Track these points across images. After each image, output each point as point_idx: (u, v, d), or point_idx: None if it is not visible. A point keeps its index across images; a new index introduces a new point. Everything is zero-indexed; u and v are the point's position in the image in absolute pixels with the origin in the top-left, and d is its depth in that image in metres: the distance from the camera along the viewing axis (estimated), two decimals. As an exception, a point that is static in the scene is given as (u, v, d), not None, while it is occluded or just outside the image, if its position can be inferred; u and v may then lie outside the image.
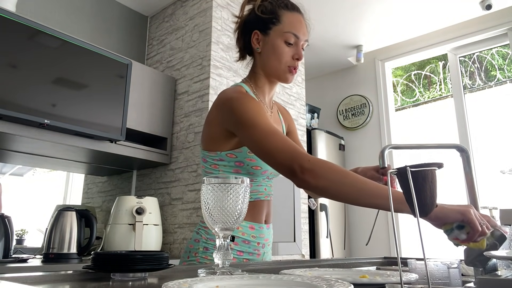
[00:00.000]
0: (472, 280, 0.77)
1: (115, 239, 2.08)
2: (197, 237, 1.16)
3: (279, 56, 1.13)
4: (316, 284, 0.52)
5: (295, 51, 1.14)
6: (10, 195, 2.29)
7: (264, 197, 1.17)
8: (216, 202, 0.68)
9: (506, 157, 3.00)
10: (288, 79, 1.16)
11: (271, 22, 1.14)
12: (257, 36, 1.16)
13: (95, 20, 2.74)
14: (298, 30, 1.13)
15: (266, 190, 1.18)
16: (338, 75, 4.08)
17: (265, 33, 1.15)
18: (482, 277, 0.51)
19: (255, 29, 1.16)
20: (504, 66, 3.25)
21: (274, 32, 1.13)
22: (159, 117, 2.49)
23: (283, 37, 1.12)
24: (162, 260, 0.71)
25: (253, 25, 1.17)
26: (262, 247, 1.18)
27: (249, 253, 1.14)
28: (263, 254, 1.19)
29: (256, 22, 1.16)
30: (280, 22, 1.13)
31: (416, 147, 0.75)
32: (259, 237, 1.15)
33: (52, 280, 0.66)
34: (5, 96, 1.73)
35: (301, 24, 1.15)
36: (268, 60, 1.15)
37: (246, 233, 1.13)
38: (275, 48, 1.13)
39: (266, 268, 0.94)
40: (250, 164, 1.09)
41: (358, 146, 3.80)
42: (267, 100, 1.22)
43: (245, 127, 0.99)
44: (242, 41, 1.21)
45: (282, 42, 1.12)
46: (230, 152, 1.09)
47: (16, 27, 1.80)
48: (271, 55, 1.14)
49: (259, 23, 1.15)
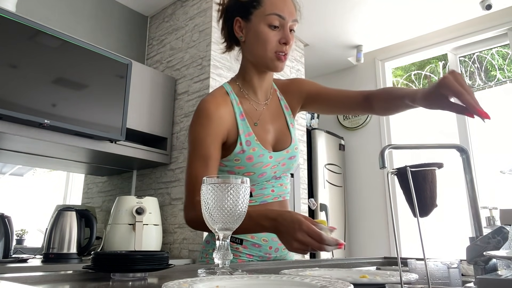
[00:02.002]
0: (472, 280, 0.77)
1: (115, 239, 2.08)
2: (208, 239, 1.15)
3: (264, 43, 1.02)
4: (316, 284, 0.52)
5: (282, 34, 1.02)
6: (10, 195, 2.29)
7: (273, 198, 1.11)
8: (216, 202, 0.68)
9: (506, 157, 3.00)
10: (277, 67, 1.05)
11: (252, 6, 1.03)
12: (239, 23, 1.06)
13: (95, 20, 2.74)
14: (282, 10, 1.01)
15: (274, 192, 1.11)
16: (338, 75, 4.08)
17: (246, 19, 1.05)
18: (482, 277, 0.51)
19: (236, 16, 1.06)
20: (504, 66, 3.25)
21: (255, 17, 1.03)
22: (159, 117, 2.49)
23: (266, 21, 1.01)
24: (162, 260, 0.71)
25: (234, 12, 1.07)
26: (275, 251, 1.11)
27: (259, 257, 1.10)
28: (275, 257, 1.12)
29: (236, 8, 1.06)
30: (261, 5, 1.02)
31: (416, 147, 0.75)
32: (271, 240, 1.09)
33: (52, 280, 0.66)
34: (5, 96, 1.73)
35: (285, 2, 1.03)
36: (253, 48, 1.05)
37: (256, 237, 1.08)
38: (259, 34, 1.02)
39: (266, 268, 0.94)
40: (240, 171, 1.05)
41: (358, 146, 3.80)
42: (259, 94, 1.13)
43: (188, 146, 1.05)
44: (226, 30, 1.12)
45: (266, 26, 1.01)
46: (221, 161, 1.06)
47: (16, 27, 1.80)
48: (255, 42, 1.04)
49: (240, 9, 1.05)
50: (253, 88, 1.13)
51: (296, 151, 1.14)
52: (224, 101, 1.07)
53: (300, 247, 0.81)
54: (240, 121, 1.07)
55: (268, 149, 1.09)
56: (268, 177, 1.09)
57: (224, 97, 1.09)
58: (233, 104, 1.08)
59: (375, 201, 3.58)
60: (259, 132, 1.08)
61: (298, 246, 0.81)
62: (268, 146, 1.10)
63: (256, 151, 1.05)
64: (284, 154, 1.11)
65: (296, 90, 1.20)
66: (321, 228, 0.80)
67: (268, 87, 1.15)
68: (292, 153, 1.13)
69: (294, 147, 1.14)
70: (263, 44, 1.02)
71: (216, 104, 1.05)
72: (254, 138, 1.06)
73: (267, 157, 1.07)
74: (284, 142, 1.13)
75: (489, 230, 0.73)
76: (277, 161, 1.09)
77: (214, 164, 1.02)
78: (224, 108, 1.06)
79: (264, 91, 1.14)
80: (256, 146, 1.05)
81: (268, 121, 1.13)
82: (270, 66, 1.06)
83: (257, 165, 1.05)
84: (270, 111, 1.15)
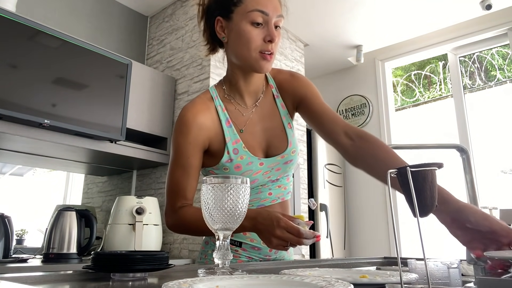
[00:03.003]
0: (472, 280, 0.77)
1: (115, 239, 2.08)
2: (207, 239, 1.14)
3: (247, 42, 0.95)
4: (316, 284, 0.52)
5: (266, 31, 0.95)
6: (10, 195, 2.29)
7: (271, 201, 1.08)
8: (216, 202, 0.68)
9: (506, 157, 3.00)
10: (262, 67, 0.97)
11: (232, 3, 0.96)
12: (220, 23, 1.00)
13: (95, 20, 2.74)
14: (265, 5, 0.94)
15: (271, 195, 1.08)
16: (338, 75, 4.08)
17: (227, 18, 0.98)
18: (482, 277, 0.51)
19: (217, 15, 1.00)
20: (504, 66, 3.25)
21: (237, 15, 0.96)
22: (159, 117, 2.49)
23: (248, 18, 0.94)
24: (162, 260, 0.71)
25: (215, 11, 1.01)
26: (275, 253, 1.11)
27: (259, 259, 1.09)
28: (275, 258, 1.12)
29: (216, 8, 1.00)
30: (241, 1, 0.95)
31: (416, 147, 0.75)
32: None
33: (52, 280, 0.66)
34: (5, 96, 1.73)
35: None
36: (236, 49, 0.98)
37: (256, 240, 1.06)
38: (241, 32, 0.95)
39: (266, 268, 0.94)
40: None
41: (358, 146, 3.79)
42: (246, 98, 1.07)
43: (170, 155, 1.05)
44: (208, 31, 1.06)
45: (248, 24, 0.94)
46: (211, 169, 1.05)
47: (16, 27, 1.80)
48: (238, 42, 0.97)
49: (220, 8, 0.99)
50: (240, 92, 1.06)
51: (293, 155, 1.07)
52: (206, 108, 1.03)
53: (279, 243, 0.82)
54: (226, 128, 1.02)
55: (258, 155, 1.04)
56: (262, 182, 1.06)
57: (206, 103, 1.04)
58: (218, 111, 1.03)
59: (375, 201, 3.58)
60: (246, 139, 1.03)
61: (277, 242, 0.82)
62: (258, 152, 1.04)
63: (244, 159, 1.01)
64: (278, 160, 1.05)
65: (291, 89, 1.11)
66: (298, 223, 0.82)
67: (257, 89, 1.08)
68: (289, 158, 1.07)
69: (291, 151, 1.07)
70: (246, 43, 0.95)
71: (195, 112, 1.01)
72: (242, 145, 1.01)
73: (257, 164, 1.02)
74: (279, 147, 1.06)
75: (489, 230, 0.73)
76: (270, 167, 1.05)
77: (195, 173, 1.01)
78: (205, 116, 1.01)
79: (252, 94, 1.07)
80: (244, 154, 1.01)
81: (257, 126, 1.06)
82: (255, 67, 0.98)
83: (246, 173, 1.01)
84: (261, 113, 1.08)
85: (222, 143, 1.01)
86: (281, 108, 1.10)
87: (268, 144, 1.06)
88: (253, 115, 1.07)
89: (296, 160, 1.09)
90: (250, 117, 1.06)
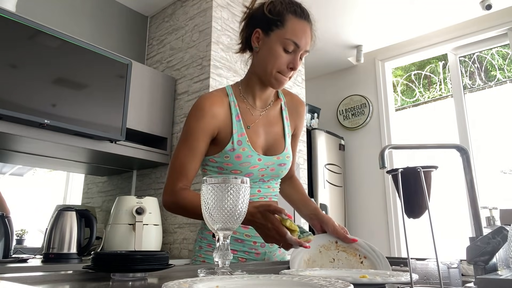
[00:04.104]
0: (472, 280, 0.77)
1: (115, 239, 2.08)
2: (196, 237, 1.23)
3: (274, 61, 1.09)
4: (316, 284, 0.52)
5: (292, 59, 1.09)
6: (10, 195, 2.29)
7: (259, 198, 1.17)
8: (216, 202, 0.68)
9: (506, 157, 3.00)
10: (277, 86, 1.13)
11: (275, 24, 1.09)
12: (257, 34, 1.12)
13: (95, 20, 2.74)
14: (300, 40, 1.08)
15: (260, 192, 1.17)
16: (338, 75, 4.08)
17: (266, 33, 1.11)
18: (482, 277, 0.51)
19: (258, 26, 1.12)
20: (504, 66, 3.25)
21: (275, 35, 1.09)
22: (159, 117, 2.49)
23: (283, 43, 1.08)
24: (162, 260, 0.71)
25: (257, 22, 1.13)
26: (262, 246, 1.16)
27: (244, 252, 1.15)
28: (265, 253, 1.17)
29: (260, 20, 1.12)
30: (283, 27, 1.08)
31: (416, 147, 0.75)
32: (255, 236, 1.13)
33: (52, 280, 0.66)
34: (5, 96, 1.73)
35: (305, 33, 1.09)
36: (263, 61, 1.12)
37: (238, 232, 1.14)
38: (272, 51, 1.09)
39: (266, 268, 0.94)
40: (228, 168, 1.11)
41: (358, 146, 3.80)
42: (257, 101, 1.20)
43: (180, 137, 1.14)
44: (245, 34, 1.18)
45: (281, 48, 1.08)
46: (212, 157, 1.14)
47: (16, 27, 1.80)
48: (266, 57, 1.10)
49: (263, 22, 1.11)
50: (253, 95, 1.19)
51: (287, 159, 1.19)
52: (221, 101, 1.14)
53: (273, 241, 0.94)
54: (235, 121, 1.13)
55: (258, 152, 1.14)
56: (255, 178, 1.15)
57: (222, 98, 1.15)
58: (231, 106, 1.15)
59: (375, 201, 3.58)
60: (251, 135, 1.14)
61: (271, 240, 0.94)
62: (259, 149, 1.15)
63: (246, 151, 1.11)
64: (274, 160, 1.16)
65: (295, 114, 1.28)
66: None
67: (268, 97, 1.22)
68: (283, 161, 1.18)
69: (285, 155, 1.19)
70: (273, 62, 1.09)
71: (212, 102, 1.12)
72: (246, 139, 1.12)
73: (256, 159, 1.12)
74: (277, 149, 1.18)
75: (489, 230, 0.73)
76: (266, 165, 1.15)
77: (199, 157, 1.10)
78: (219, 108, 1.13)
79: (263, 100, 1.21)
80: (246, 146, 1.12)
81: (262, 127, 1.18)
82: (272, 83, 1.13)
83: (244, 164, 1.11)
84: (268, 118, 1.21)
85: (228, 134, 1.12)
86: (285, 120, 1.24)
87: (268, 145, 1.18)
88: (261, 117, 1.20)
89: (288, 166, 1.21)
90: (258, 118, 1.19)
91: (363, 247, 1.07)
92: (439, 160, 3.01)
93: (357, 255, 1.06)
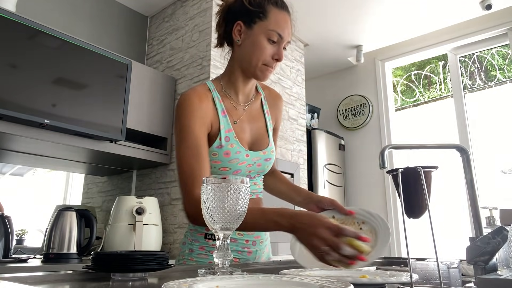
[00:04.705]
0: (472, 280, 0.77)
1: (115, 239, 2.08)
2: (184, 240, 1.18)
3: (259, 53, 1.07)
4: (316, 284, 0.52)
5: (276, 50, 1.08)
6: (10, 195, 2.29)
7: None
8: (216, 202, 0.68)
9: (506, 157, 3.00)
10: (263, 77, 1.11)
11: (257, 16, 1.07)
12: (239, 27, 1.10)
13: (95, 20, 2.74)
14: (283, 30, 1.07)
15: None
16: (338, 75, 4.08)
17: (248, 26, 1.08)
18: (482, 277, 0.51)
19: (238, 19, 1.09)
20: (504, 66, 3.25)
21: (258, 27, 1.07)
22: (159, 117, 2.49)
23: (267, 34, 1.06)
24: (162, 260, 0.71)
25: (238, 15, 1.10)
26: (253, 245, 1.16)
27: (237, 251, 1.13)
28: (256, 251, 1.17)
29: (241, 13, 1.09)
30: (266, 18, 1.06)
31: (416, 147, 0.75)
32: (247, 234, 1.13)
33: (52, 280, 0.66)
34: (5, 96, 1.73)
35: (287, 24, 1.09)
36: (247, 54, 1.09)
37: None
38: (256, 43, 1.07)
39: (266, 268, 0.94)
40: (216, 166, 1.09)
41: (358, 146, 3.80)
42: (240, 96, 1.17)
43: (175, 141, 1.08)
44: (223, 28, 1.14)
45: (265, 39, 1.06)
46: None
47: (16, 27, 1.80)
48: (251, 49, 1.08)
49: (244, 14, 1.08)
50: (236, 89, 1.17)
51: (272, 154, 1.18)
52: (206, 96, 1.11)
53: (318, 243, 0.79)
54: (221, 117, 1.11)
55: (245, 147, 1.13)
56: (243, 174, 1.13)
57: (206, 93, 1.12)
58: (215, 101, 1.12)
59: (375, 201, 3.58)
60: (238, 131, 1.12)
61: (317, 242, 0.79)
62: (245, 144, 1.13)
63: (234, 148, 1.09)
64: (260, 155, 1.15)
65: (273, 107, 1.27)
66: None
67: (250, 91, 1.20)
68: (268, 155, 1.17)
69: (270, 150, 1.18)
70: (258, 54, 1.07)
71: (199, 97, 1.09)
72: (233, 135, 1.10)
73: (244, 155, 1.11)
74: (262, 144, 1.17)
75: (489, 230, 0.73)
76: (253, 161, 1.13)
77: (205, 153, 1.04)
78: (206, 103, 1.09)
79: (245, 94, 1.19)
80: (234, 142, 1.09)
81: (247, 122, 1.17)
82: (257, 75, 1.11)
83: (233, 161, 1.09)
84: (250, 113, 1.19)
85: (216, 130, 1.09)
86: (266, 114, 1.23)
87: (253, 140, 1.17)
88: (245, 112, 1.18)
89: (273, 160, 1.20)
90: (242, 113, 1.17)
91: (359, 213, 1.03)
92: (439, 160, 3.01)
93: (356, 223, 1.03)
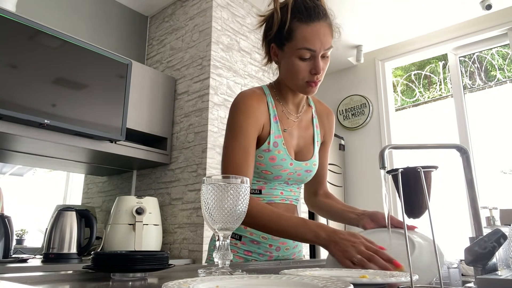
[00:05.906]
0: (472, 280, 0.77)
1: (115, 239, 2.08)
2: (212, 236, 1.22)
3: (295, 73, 1.05)
4: (316, 284, 0.52)
5: (312, 65, 1.03)
6: (10, 195, 2.29)
7: (280, 200, 1.16)
8: (216, 202, 0.68)
9: (506, 157, 3.00)
10: (308, 92, 1.09)
11: (285, 38, 1.05)
12: (274, 50, 1.10)
13: (95, 20, 2.74)
14: (314, 44, 1.01)
15: (282, 194, 1.16)
16: (338, 75, 4.08)
17: (280, 48, 1.08)
18: (482, 277, 0.51)
19: (272, 42, 1.10)
20: (504, 66, 3.25)
21: (288, 49, 1.05)
22: (159, 117, 2.49)
23: (297, 54, 1.03)
24: (162, 260, 0.71)
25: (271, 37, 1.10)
26: (277, 250, 1.15)
27: (259, 254, 1.13)
28: (278, 257, 1.16)
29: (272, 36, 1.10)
30: (292, 39, 1.03)
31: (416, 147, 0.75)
32: (271, 238, 1.12)
33: (52, 280, 0.66)
34: (5, 96, 1.73)
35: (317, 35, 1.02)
36: (285, 74, 1.10)
37: (255, 233, 1.12)
38: (290, 65, 1.05)
39: (266, 268, 0.94)
40: (260, 168, 1.10)
41: (358, 146, 3.80)
42: (291, 105, 1.18)
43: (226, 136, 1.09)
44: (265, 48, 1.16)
45: (297, 59, 1.03)
46: None
47: (16, 27, 1.80)
48: (287, 71, 1.08)
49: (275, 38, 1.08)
50: (286, 100, 1.18)
51: (314, 166, 1.19)
52: (262, 99, 1.13)
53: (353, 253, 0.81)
54: (273, 123, 1.12)
55: (291, 156, 1.14)
56: (281, 180, 1.15)
57: (262, 96, 1.14)
58: (269, 106, 1.14)
59: (375, 201, 3.58)
60: (286, 138, 1.14)
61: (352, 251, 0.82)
62: (292, 153, 1.15)
63: (281, 154, 1.11)
64: (302, 166, 1.16)
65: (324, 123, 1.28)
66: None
67: (300, 102, 1.20)
68: (310, 167, 1.18)
69: (313, 162, 1.18)
70: (294, 74, 1.06)
71: (257, 99, 1.11)
72: (282, 141, 1.12)
73: (288, 163, 1.12)
74: (306, 155, 1.18)
75: (489, 230, 0.73)
76: (295, 170, 1.14)
77: (253, 154, 1.07)
78: (262, 106, 1.11)
79: (295, 105, 1.19)
80: (281, 149, 1.11)
81: (296, 131, 1.18)
82: (302, 91, 1.11)
83: (277, 167, 1.10)
84: (300, 123, 1.20)
85: (266, 134, 1.11)
86: (315, 127, 1.24)
87: (299, 150, 1.18)
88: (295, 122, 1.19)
89: (313, 173, 1.21)
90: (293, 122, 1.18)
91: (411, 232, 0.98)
92: (439, 160, 3.01)
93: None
